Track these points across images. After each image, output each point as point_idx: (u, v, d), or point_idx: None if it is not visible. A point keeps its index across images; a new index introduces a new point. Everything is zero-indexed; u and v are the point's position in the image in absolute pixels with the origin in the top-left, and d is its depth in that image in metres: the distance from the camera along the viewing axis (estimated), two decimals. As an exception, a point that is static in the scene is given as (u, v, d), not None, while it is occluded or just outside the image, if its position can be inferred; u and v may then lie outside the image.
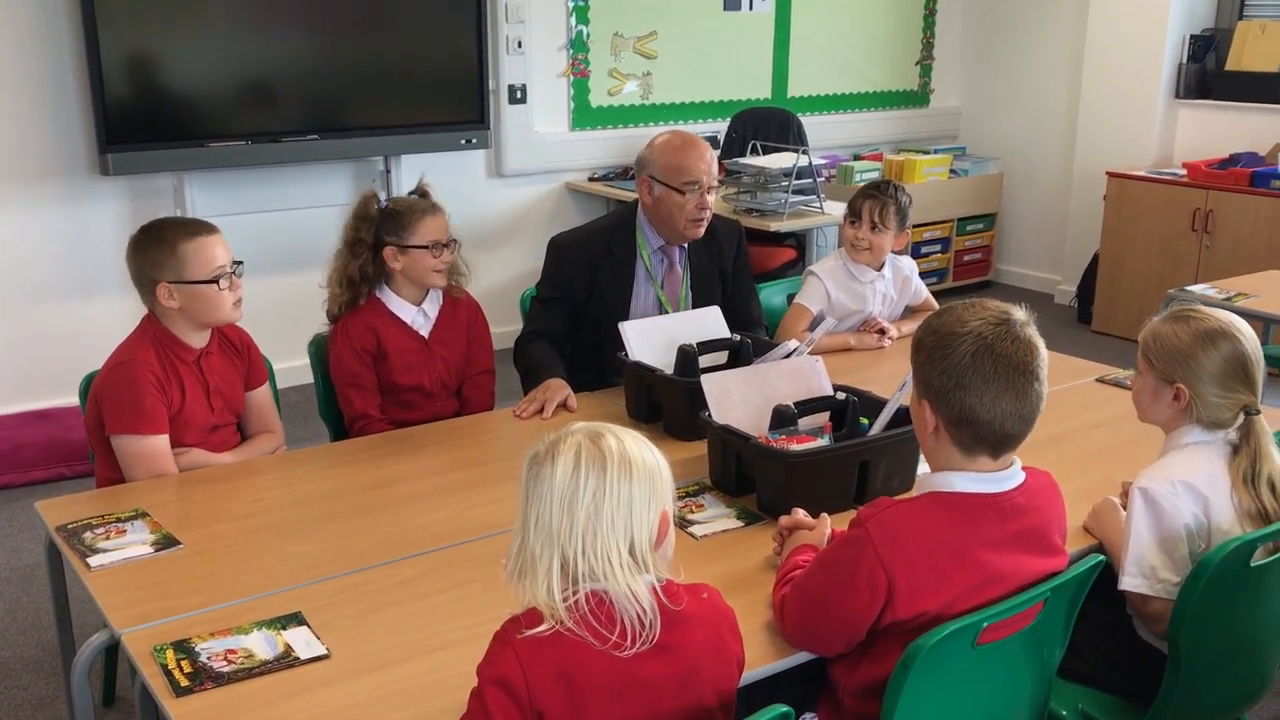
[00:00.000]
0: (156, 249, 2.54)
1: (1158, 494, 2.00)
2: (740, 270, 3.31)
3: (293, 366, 3.28)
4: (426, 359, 2.95)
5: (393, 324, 2.91)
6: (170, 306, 2.54)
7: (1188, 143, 6.17)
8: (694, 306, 3.20)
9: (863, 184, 3.66)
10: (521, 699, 1.44)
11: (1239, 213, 5.51)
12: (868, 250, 3.35)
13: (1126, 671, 2.12)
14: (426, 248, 2.87)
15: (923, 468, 1.98)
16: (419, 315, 2.95)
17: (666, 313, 3.15)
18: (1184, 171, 5.82)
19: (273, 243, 4.98)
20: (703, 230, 3.14)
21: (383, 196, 2.93)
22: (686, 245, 3.20)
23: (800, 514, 2.07)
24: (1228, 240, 5.57)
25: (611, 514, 1.48)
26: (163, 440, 2.50)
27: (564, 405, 2.86)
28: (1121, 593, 2.03)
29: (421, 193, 2.97)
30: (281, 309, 4.44)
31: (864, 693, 1.76)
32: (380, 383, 2.92)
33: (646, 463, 1.52)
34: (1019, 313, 1.77)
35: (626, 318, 3.04)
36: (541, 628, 1.45)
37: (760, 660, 1.76)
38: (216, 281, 2.55)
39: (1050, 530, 1.83)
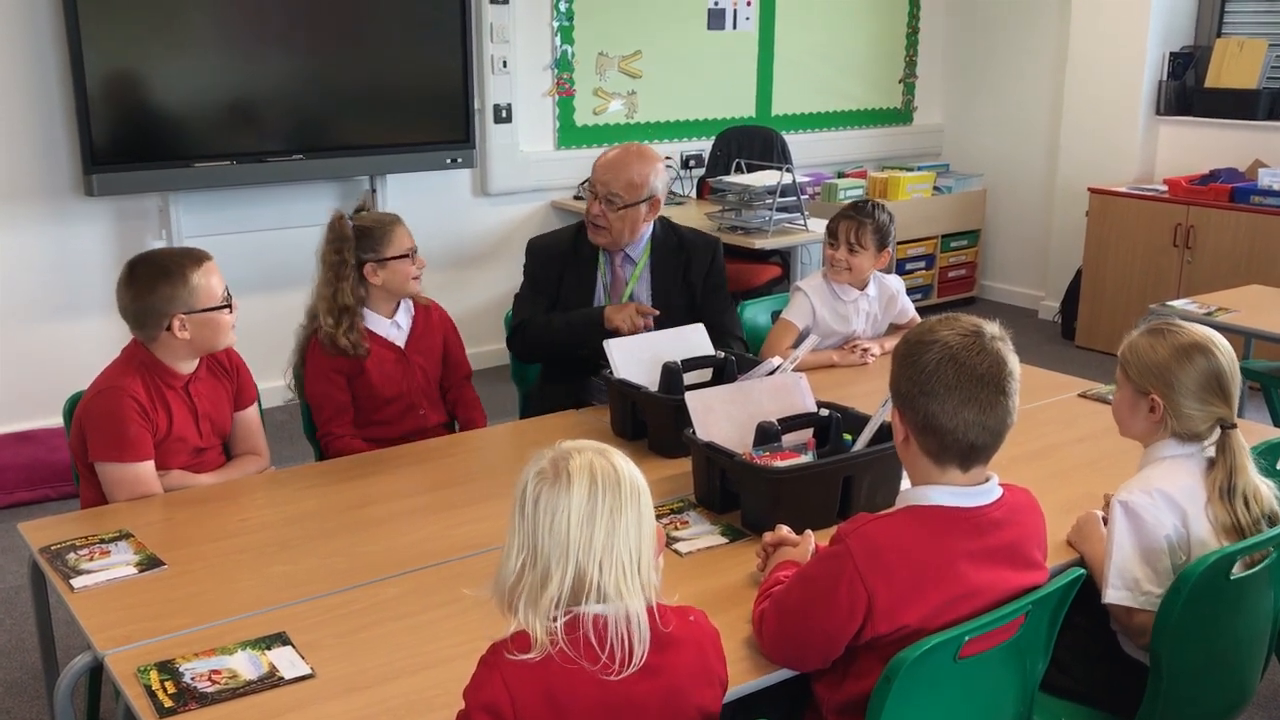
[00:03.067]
0: (168, 283, 2.50)
1: (1138, 506, 2.02)
2: (714, 284, 3.32)
3: (278, 386, 3.28)
4: (405, 369, 2.97)
5: (368, 338, 2.92)
6: (182, 338, 2.52)
7: (1168, 159, 6.22)
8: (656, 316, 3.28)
9: (846, 201, 3.67)
10: None
11: (1219, 228, 5.56)
12: (847, 271, 3.37)
13: (1109, 685, 2.13)
14: (406, 256, 2.90)
15: (905, 484, 1.99)
16: (393, 328, 2.98)
17: None
18: (1165, 187, 5.87)
19: (258, 262, 4.98)
20: (599, 238, 3.23)
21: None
22: (650, 254, 3.28)
23: (784, 531, 2.08)
24: (1209, 255, 5.61)
25: (626, 531, 1.49)
26: (147, 466, 2.49)
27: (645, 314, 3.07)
28: (1104, 606, 2.05)
29: (367, 209, 3.00)
30: (267, 328, 4.42)
31: (847, 709, 1.76)
32: (361, 397, 2.94)
33: (645, 486, 1.54)
34: (992, 327, 1.79)
35: None
36: (531, 654, 1.45)
37: (744, 677, 1.77)
38: (227, 307, 2.57)
39: (1029, 545, 1.84)
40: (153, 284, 2.51)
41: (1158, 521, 2.01)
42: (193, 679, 1.74)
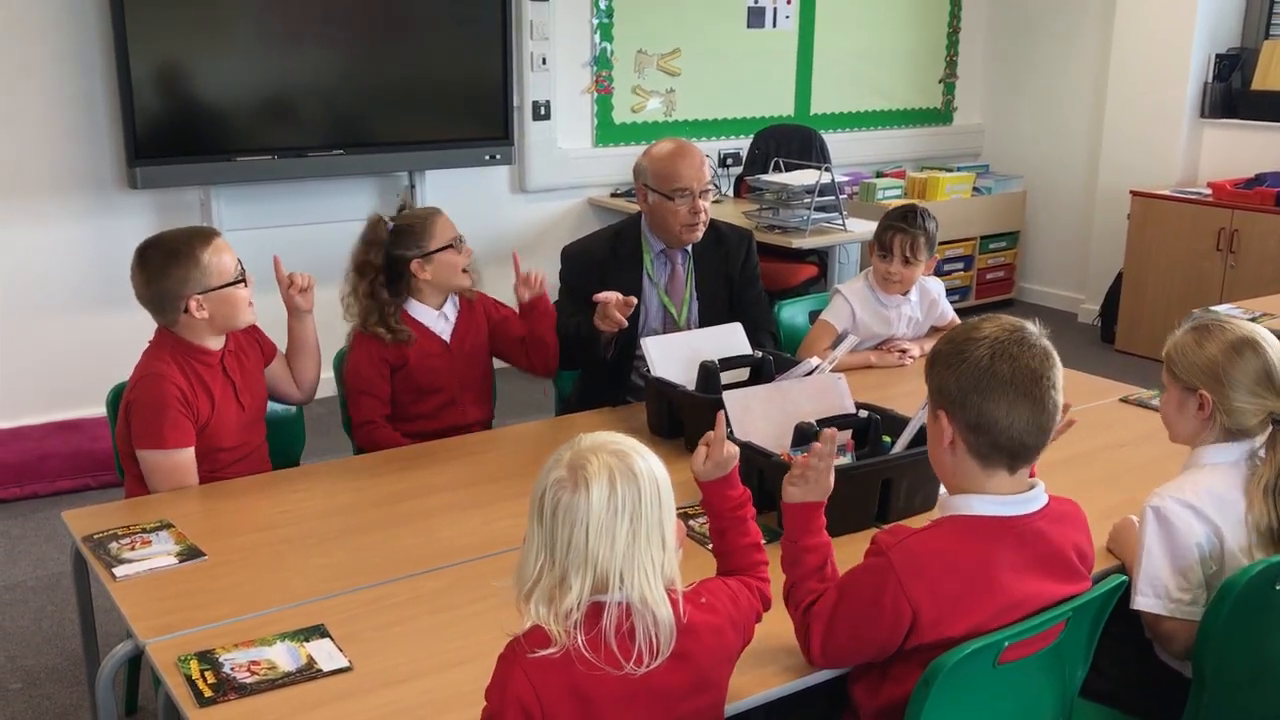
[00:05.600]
0: (180, 264, 2.51)
1: (1169, 512, 1.99)
2: (749, 277, 3.35)
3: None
4: (449, 362, 2.99)
5: (414, 328, 2.94)
6: (201, 319, 2.53)
7: (1213, 162, 6.14)
8: (699, 310, 3.26)
9: (888, 206, 3.60)
10: (535, 718, 1.45)
11: (1264, 232, 5.48)
12: (899, 283, 3.34)
13: (1149, 692, 2.10)
14: (450, 246, 2.92)
15: (943, 489, 1.97)
16: (439, 319, 3.00)
17: (671, 315, 3.23)
18: (1209, 191, 5.80)
19: (298, 256, 4.90)
20: (699, 235, 3.21)
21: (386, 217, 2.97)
22: (690, 250, 3.26)
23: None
24: (1253, 260, 5.53)
25: (648, 536, 1.48)
26: (186, 454, 2.50)
27: (625, 304, 2.89)
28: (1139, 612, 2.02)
29: (407, 207, 3.04)
30: (305, 322, 4.46)
31: (885, 713, 1.75)
32: (401, 389, 2.95)
33: (666, 478, 1.53)
34: (1032, 325, 1.79)
35: (636, 319, 3.11)
36: (551, 650, 1.45)
37: (781, 679, 1.77)
38: (242, 282, 2.58)
39: (1073, 556, 1.81)
40: (165, 267, 2.52)
41: (1189, 529, 1.99)
42: (232, 669, 1.76)
